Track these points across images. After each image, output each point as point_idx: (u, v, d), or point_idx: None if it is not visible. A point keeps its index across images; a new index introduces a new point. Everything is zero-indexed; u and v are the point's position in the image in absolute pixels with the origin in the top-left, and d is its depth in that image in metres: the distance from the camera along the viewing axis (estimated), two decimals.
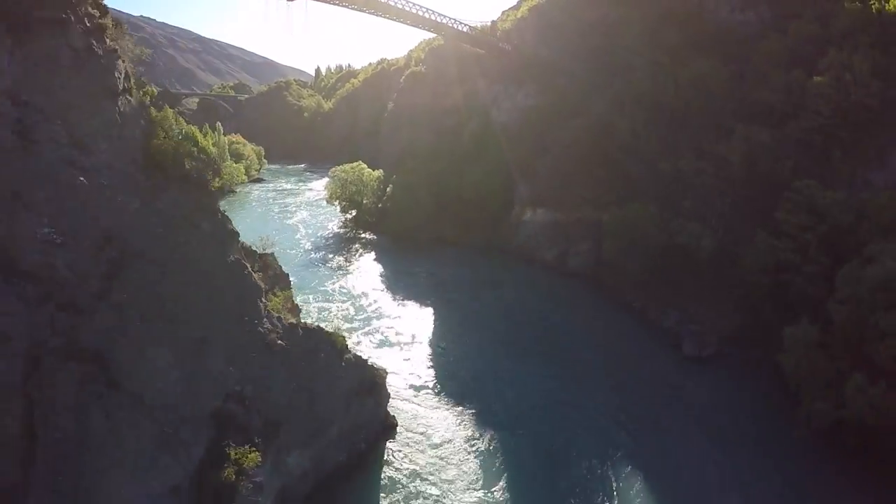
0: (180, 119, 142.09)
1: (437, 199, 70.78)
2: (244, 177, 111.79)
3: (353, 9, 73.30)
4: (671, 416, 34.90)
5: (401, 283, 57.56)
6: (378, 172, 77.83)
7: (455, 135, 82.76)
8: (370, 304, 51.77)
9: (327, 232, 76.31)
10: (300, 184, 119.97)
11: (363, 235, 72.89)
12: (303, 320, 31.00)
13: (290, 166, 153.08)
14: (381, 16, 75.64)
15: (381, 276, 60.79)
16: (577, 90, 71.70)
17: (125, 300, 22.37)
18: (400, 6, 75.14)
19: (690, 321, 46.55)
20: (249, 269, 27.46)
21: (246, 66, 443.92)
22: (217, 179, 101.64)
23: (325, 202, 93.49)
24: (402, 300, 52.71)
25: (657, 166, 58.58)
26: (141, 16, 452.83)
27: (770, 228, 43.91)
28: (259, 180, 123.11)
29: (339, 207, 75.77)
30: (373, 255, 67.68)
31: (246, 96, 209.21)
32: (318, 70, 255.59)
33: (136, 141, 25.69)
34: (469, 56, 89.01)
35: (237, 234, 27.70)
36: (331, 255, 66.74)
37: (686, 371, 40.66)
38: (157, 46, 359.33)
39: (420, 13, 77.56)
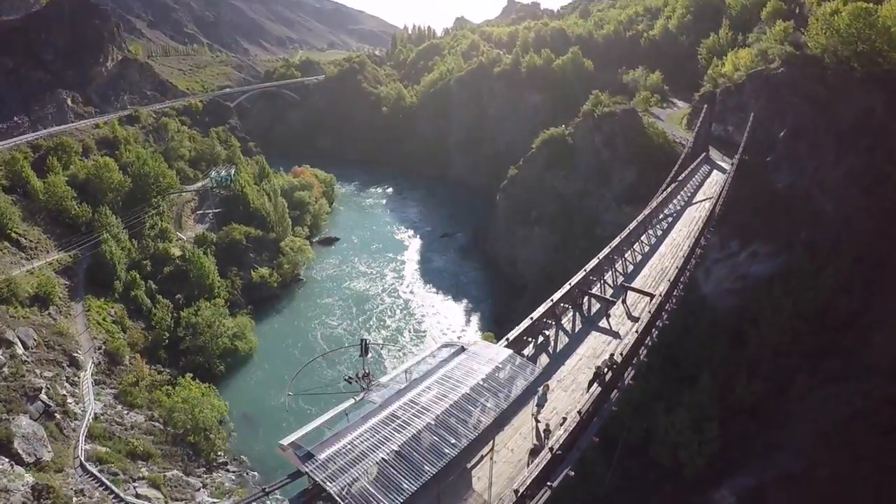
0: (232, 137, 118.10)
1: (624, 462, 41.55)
2: (310, 254, 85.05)
3: None
4: None
5: None
6: None
7: None
8: None
9: None
10: (381, 251, 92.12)
11: None
12: None
13: (369, 192, 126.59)
14: None
15: None
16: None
17: None
18: None
19: None
20: None
21: (316, 14, 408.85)
22: (274, 275, 76.38)
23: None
24: None
25: None
26: None
27: None
28: (329, 240, 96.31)
29: None
30: None
31: (315, 79, 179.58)
32: (394, 38, 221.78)
33: None
34: None
35: None
36: None
37: None
38: None
39: None
